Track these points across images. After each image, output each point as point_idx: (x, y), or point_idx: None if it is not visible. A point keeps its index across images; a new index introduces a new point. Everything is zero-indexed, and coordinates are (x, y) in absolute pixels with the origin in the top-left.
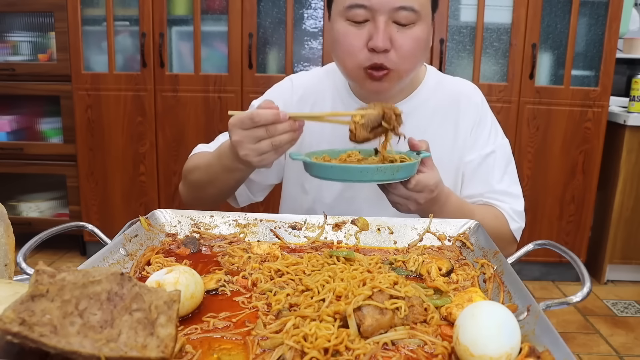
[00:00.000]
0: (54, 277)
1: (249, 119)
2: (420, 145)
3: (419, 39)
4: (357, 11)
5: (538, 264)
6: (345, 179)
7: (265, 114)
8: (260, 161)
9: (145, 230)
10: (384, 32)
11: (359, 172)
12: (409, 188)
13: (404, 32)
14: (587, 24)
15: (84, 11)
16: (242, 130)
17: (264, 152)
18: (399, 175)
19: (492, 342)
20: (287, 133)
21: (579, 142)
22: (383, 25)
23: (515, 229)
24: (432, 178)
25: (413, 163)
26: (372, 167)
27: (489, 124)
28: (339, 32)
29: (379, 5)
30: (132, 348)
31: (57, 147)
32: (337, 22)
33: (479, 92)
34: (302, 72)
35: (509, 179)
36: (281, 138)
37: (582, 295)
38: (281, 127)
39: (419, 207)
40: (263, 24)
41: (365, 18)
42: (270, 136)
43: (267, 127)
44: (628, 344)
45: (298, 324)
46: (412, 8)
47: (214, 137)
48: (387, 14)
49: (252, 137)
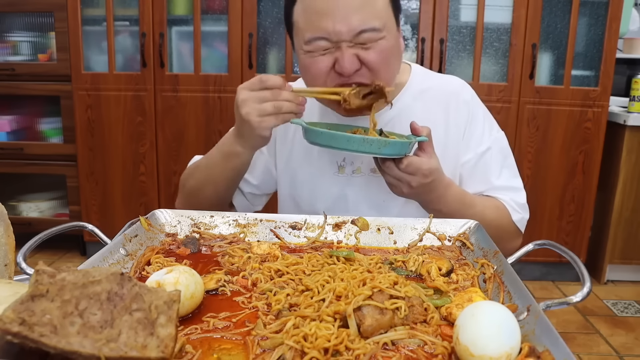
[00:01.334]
0: (54, 277)
1: (258, 80)
2: (420, 130)
3: (386, 50)
4: (319, 43)
5: (538, 264)
6: (332, 146)
7: (274, 77)
8: (260, 122)
9: (145, 230)
10: (350, 55)
11: (345, 140)
12: (400, 168)
13: (369, 50)
14: (587, 24)
15: (84, 11)
16: (249, 91)
17: (266, 114)
18: (386, 151)
19: (492, 342)
20: (289, 102)
21: (579, 142)
22: (347, 49)
23: (517, 219)
24: (427, 163)
25: (403, 142)
26: (358, 137)
27: (481, 120)
28: (304, 64)
29: (340, 35)
30: (132, 348)
31: (57, 147)
32: (301, 55)
33: (468, 88)
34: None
35: (508, 173)
36: (284, 103)
37: (582, 295)
38: (285, 94)
39: (412, 191)
40: (263, 24)
41: (327, 48)
42: (274, 98)
43: (273, 90)
44: (628, 344)
45: (298, 324)
46: (373, 28)
47: (214, 137)
48: (348, 39)
49: (257, 97)
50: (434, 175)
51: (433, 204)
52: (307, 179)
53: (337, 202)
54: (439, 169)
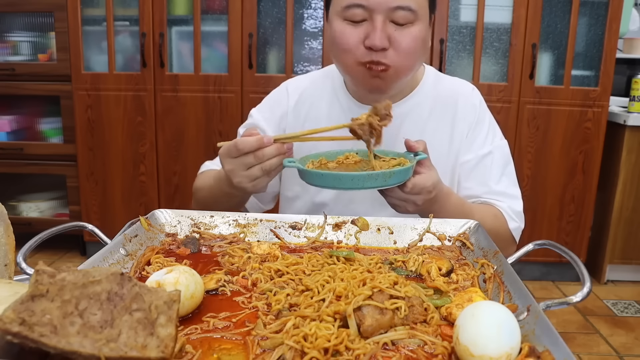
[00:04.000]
0: (54, 277)
1: (234, 147)
2: (416, 147)
3: (417, 37)
4: (355, 11)
5: (538, 264)
6: (337, 187)
7: (248, 141)
8: (254, 186)
9: (145, 230)
10: (382, 31)
11: (350, 180)
12: (405, 192)
13: (401, 31)
14: (587, 24)
15: (84, 11)
16: (231, 159)
17: (256, 178)
18: (392, 181)
19: (492, 342)
20: (275, 157)
21: (579, 142)
22: (380, 24)
23: (514, 228)
24: (430, 179)
25: (406, 168)
26: (363, 174)
27: (486, 125)
28: (337, 31)
29: (376, 5)
30: (132, 348)
31: (57, 147)
32: (335, 22)
33: (477, 93)
34: (299, 76)
35: (507, 180)
36: (270, 162)
37: (582, 295)
38: (268, 152)
39: (418, 208)
40: (263, 24)
41: (362, 18)
42: (259, 162)
43: (255, 153)
44: (628, 344)
45: (298, 324)
46: (409, 8)
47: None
48: (384, 13)
49: (241, 164)
50: (437, 189)
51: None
52: None
53: (341, 201)
54: (439, 180)
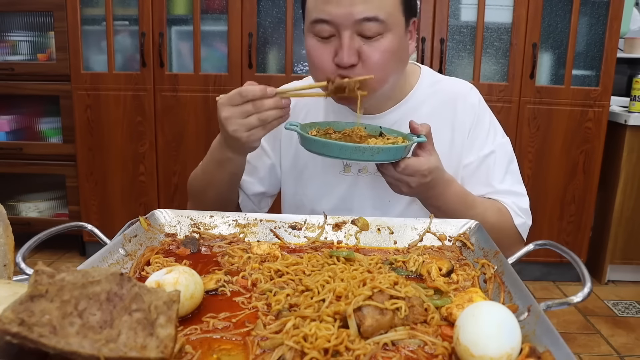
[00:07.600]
0: (53, 277)
1: (237, 94)
2: (419, 129)
3: (387, 50)
4: (322, 27)
5: (539, 264)
6: (326, 154)
7: (252, 89)
8: (249, 136)
9: (145, 230)
10: (349, 47)
11: (338, 149)
12: (398, 171)
13: (371, 45)
14: (588, 24)
15: (83, 11)
16: (230, 107)
17: (253, 127)
18: (380, 157)
19: (492, 342)
20: (274, 110)
21: (579, 142)
22: (347, 40)
23: (519, 224)
24: (425, 163)
25: (396, 147)
26: (351, 145)
27: (487, 125)
28: (308, 46)
29: (342, 19)
30: (131, 348)
31: (56, 147)
32: (307, 37)
33: (476, 92)
34: (295, 82)
35: (511, 178)
36: (268, 114)
37: (583, 295)
38: (268, 103)
39: (412, 191)
40: (263, 23)
41: (330, 33)
42: (257, 111)
43: (255, 102)
44: (629, 345)
45: (298, 324)
46: (376, 18)
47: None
48: (351, 27)
49: (240, 112)
50: (434, 174)
51: (432, 200)
52: (313, 178)
53: (343, 201)
54: (439, 167)
